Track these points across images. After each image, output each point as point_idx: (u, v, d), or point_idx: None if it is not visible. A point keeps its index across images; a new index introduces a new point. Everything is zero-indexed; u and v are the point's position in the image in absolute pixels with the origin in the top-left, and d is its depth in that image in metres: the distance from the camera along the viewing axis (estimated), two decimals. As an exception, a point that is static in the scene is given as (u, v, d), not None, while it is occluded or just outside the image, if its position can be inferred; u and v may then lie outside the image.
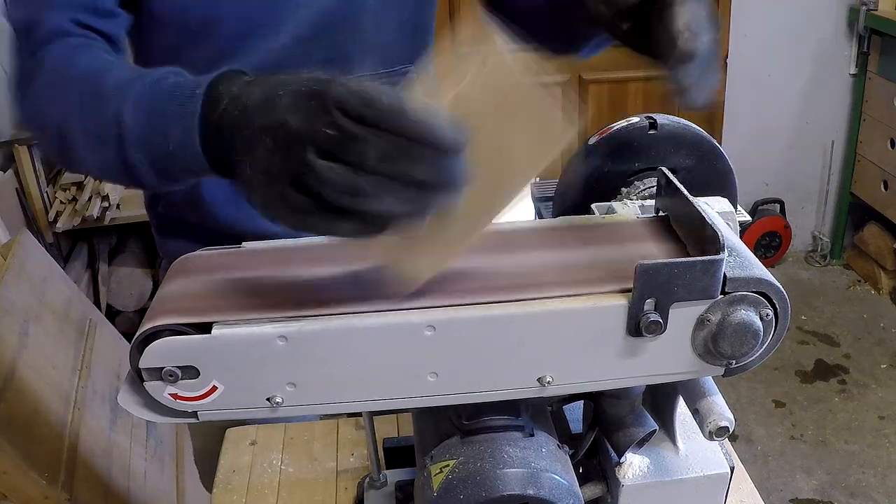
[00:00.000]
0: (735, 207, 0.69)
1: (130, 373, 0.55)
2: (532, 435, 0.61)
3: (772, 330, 0.54)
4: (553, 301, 0.53)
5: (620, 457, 0.64)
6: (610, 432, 0.65)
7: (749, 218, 0.87)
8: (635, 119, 0.70)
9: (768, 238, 3.07)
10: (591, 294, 0.53)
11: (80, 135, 0.67)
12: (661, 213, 0.65)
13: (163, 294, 0.57)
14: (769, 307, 0.53)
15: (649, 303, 0.52)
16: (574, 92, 2.69)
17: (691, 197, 0.58)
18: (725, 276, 0.52)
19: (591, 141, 0.70)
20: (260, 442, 0.94)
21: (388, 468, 0.81)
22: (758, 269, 0.53)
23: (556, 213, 0.73)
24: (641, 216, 0.66)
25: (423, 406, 0.56)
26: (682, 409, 0.64)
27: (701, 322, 0.53)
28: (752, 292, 0.53)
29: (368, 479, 0.80)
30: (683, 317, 0.53)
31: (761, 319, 0.53)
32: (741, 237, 0.62)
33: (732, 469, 0.66)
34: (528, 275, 0.57)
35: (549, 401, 0.67)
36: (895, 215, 2.74)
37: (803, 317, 2.83)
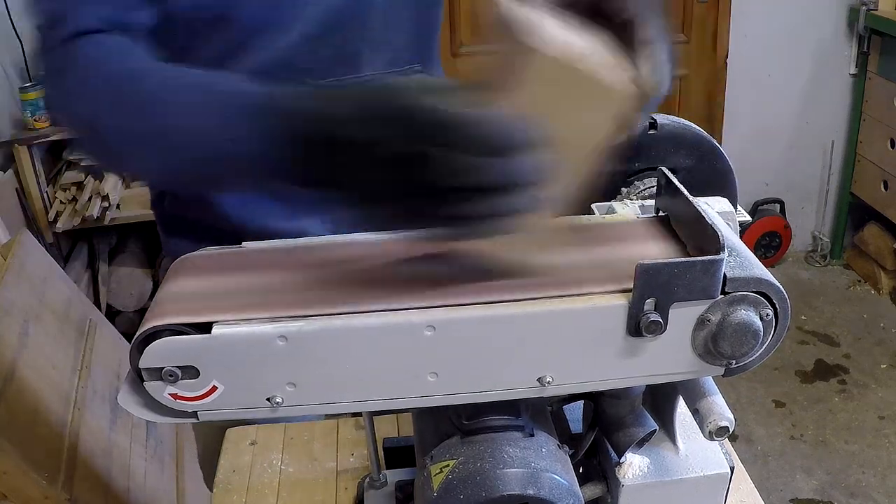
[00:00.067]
0: (735, 207, 0.69)
1: (130, 373, 0.55)
2: (532, 435, 0.61)
3: (772, 330, 0.54)
4: (553, 301, 0.53)
5: (620, 457, 0.64)
6: (610, 432, 0.65)
7: (749, 218, 0.87)
8: (635, 119, 0.70)
9: (768, 238, 3.07)
10: (591, 294, 0.53)
11: (129, 134, 0.65)
12: (661, 213, 0.65)
13: (163, 294, 0.57)
14: (769, 307, 0.53)
15: (649, 303, 0.52)
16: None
17: (691, 197, 0.58)
18: (725, 276, 0.52)
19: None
20: (260, 442, 0.94)
21: (388, 468, 0.81)
22: (758, 269, 0.53)
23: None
24: (641, 216, 0.66)
25: (423, 406, 0.56)
26: (682, 409, 0.64)
27: (701, 322, 0.53)
28: (752, 292, 0.53)
29: (368, 479, 0.80)
30: (683, 317, 0.53)
31: (761, 319, 0.53)
32: (741, 237, 0.62)
33: (732, 469, 0.66)
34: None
35: (549, 401, 0.67)
36: (895, 215, 2.74)
37: (803, 317, 2.83)
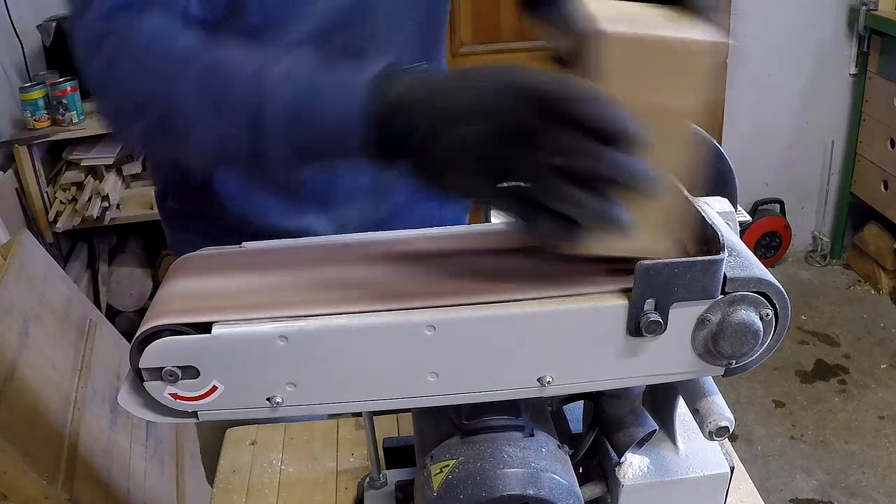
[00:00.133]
0: (735, 207, 0.69)
1: (130, 373, 0.55)
2: (532, 435, 0.61)
3: (772, 330, 0.54)
4: (553, 301, 0.53)
5: (620, 457, 0.64)
6: (610, 432, 0.64)
7: (749, 218, 0.87)
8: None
9: (768, 238, 3.07)
10: (591, 294, 0.53)
11: (190, 110, 0.63)
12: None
13: (163, 294, 0.57)
14: (769, 307, 0.53)
15: (649, 303, 0.52)
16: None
17: (691, 197, 0.58)
18: (725, 276, 0.52)
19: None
20: (260, 442, 0.94)
21: (388, 468, 0.81)
22: (758, 269, 0.53)
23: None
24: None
25: (424, 406, 0.56)
26: (682, 409, 0.64)
27: (701, 322, 0.53)
28: (753, 292, 0.53)
29: (368, 479, 0.80)
30: (683, 317, 0.53)
31: (761, 319, 0.53)
32: (741, 237, 0.62)
33: (732, 469, 0.66)
34: (529, 274, 0.57)
35: (549, 401, 0.67)
36: (895, 215, 2.74)
37: (803, 317, 2.83)
